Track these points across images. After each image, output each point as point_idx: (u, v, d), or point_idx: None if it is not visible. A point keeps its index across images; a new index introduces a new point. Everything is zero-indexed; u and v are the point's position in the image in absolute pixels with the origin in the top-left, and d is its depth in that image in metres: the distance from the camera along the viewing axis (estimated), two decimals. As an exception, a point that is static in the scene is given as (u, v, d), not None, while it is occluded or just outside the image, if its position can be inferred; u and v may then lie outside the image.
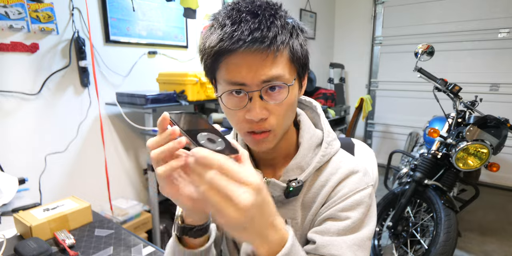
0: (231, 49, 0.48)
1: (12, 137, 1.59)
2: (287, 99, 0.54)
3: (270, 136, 0.56)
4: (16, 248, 0.79)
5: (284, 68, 0.52)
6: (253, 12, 0.50)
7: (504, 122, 1.63)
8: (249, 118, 0.52)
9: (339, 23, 4.13)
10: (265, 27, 0.49)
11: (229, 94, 0.53)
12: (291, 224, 0.63)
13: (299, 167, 0.61)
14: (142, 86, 2.13)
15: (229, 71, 0.51)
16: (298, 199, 0.63)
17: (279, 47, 0.50)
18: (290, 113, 0.57)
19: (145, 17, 2.05)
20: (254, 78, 0.50)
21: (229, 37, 0.48)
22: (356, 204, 0.59)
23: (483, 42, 3.20)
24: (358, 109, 3.35)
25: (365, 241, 0.58)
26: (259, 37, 0.48)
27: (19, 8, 1.52)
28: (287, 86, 0.53)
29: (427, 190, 1.74)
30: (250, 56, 0.49)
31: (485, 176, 3.33)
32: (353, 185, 0.60)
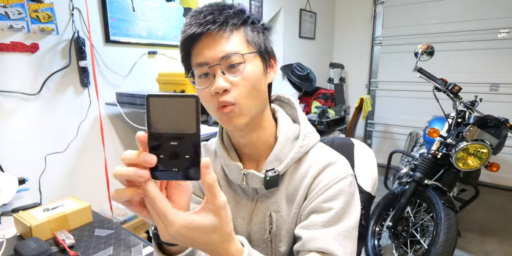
0: (191, 33, 0.56)
1: (12, 137, 1.59)
2: (247, 72, 0.58)
3: (236, 109, 0.58)
4: (16, 248, 0.79)
5: (240, 45, 0.58)
6: (210, 4, 0.60)
7: (504, 122, 1.63)
8: (213, 90, 0.57)
9: (339, 23, 4.13)
10: (217, 13, 0.57)
11: (199, 78, 0.60)
12: (276, 217, 0.64)
13: (278, 159, 0.63)
14: (142, 86, 2.13)
15: (196, 55, 0.59)
16: (281, 192, 0.65)
17: (231, 28, 0.57)
18: (254, 89, 0.59)
19: (145, 17, 2.05)
20: (213, 55, 0.57)
21: (189, 26, 0.57)
22: (337, 194, 0.60)
23: (483, 42, 3.20)
24: (358, 109, 3.35)
25: (351, 231, 0.59)
26: (211, 19, 0.56)
27: (19, 8, 1.52)
28: (243, 58, 0.58)
29: (427, 190, 1.74)
30: (208, 38, 0.57)
31: (485, 176, 3.33)
32: (333, 175, 0.62)
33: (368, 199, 0.92)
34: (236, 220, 0.68)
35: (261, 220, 0.66)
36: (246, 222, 0.67)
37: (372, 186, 0.94)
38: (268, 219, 0.65)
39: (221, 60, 0.57)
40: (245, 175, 0.63)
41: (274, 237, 0.65)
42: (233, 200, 0.69)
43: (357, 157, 0.95)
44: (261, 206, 0.66)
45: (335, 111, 3.33)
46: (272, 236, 0.65)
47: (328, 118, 3.12)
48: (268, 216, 0.65)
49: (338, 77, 4.03)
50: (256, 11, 2.90)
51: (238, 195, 0.69)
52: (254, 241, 0.68)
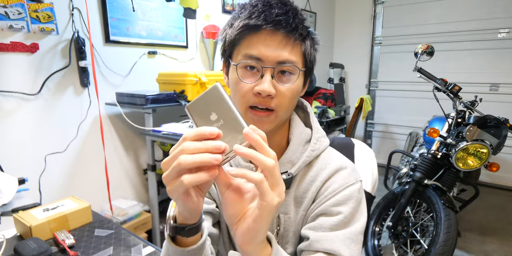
0: (258, 25, 0.54)
1: (12, 137, 1.59)
2: (294, 85, 0.58)
3: (272, 116, 0.58)
4: (16, 248, 0.79)
5: (298, 57, 0.58)
6: (283, 1, 0.57)
7: (503, 122, 1.63)
8: (258, 90, 0.55)
9: (339, 23, 4.13)
10: (291, 16, 0.55)
11: (243, 67, 0.57)
12: (284, 218, 0.65)
13: (290, 162, 0.64)
14: (142, 86, 2.13)
15: (249, 46, 0.56)
16: (290, 194, 0.65)
17: (298, 37, 0.56)
18: (293, 100, 0.60)
19: (145, 17, 2.05)
20: (271, 57, 0.55)
21: (258, 15, 0.54)
22: (347, 199, 0.61)
23: (483, 42, 3.20)
24: (358, 109, 3.35)
25: (358, 235, 0.60)
26: (284, 22, 0.54)
27: (19, 8, 1.52)
28: (298, 72, 0.57)
29: (427, 190, 1.74)
30: (272, 36, 0.55)
31: (485, 176, 3.33)
32: (342, 181, 0.62)
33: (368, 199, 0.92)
34: None
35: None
36: None
37: (372, 186, 0.94)
38: (276, 220, 0.65)
39: (278, 64, 0.56)
40: None
41: (281, 239, 0.65)
42: None
43: (357, 157, 0.95)
44: None
45: (335, 111, 3.33)
46: (279, 238, 0.65)
47: (328, 118, 3.12)
48: (276, 218, 0.65)
49: (338, 77, 4.03)
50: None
51: None
52: None
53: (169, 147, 2.11)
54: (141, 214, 1.97)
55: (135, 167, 2.18)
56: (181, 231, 0.47)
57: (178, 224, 0.47)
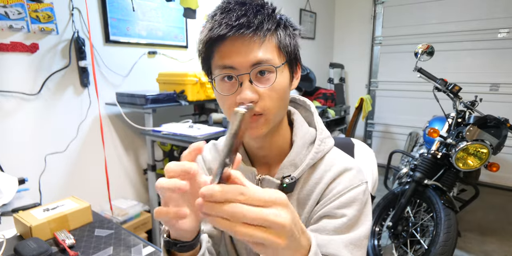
0: (220, 34, 0.52)
1: (12, 137, 1.59)
2: (276, 83, 0.55)
3: (261, 120, 0.56)
4: (16, 248, 0.79)
5: (272, 53, 0.55)
6: (241, 2, 0.54)
7: (504, 122, 1.63)
8: (239, 100, 0.53)
9: (339, 23, 4.13)
10: (251, 14, 0.52)
11: (221, 80, 0.56)
12: None
13: (293, 164, 0.62)
14: (142, 86, 2.13)
15: (221, 57, 0.54)
16: (293, 196, 0.63)
17: (265, 33, 0.53)
18: (281, 99, 0.57)
19: (145, 17, 2.05)
20: (243, 62, 0.53)
21: (219, 25, 0.52)
22: (351, 201, 0.59)
23: (483, 42, 3.20)
24: (358, 109, 3.35)
25: (362, 240, 0.58)
26: (246, 22, 0.51)
27: (19, 8, 1.52)
28: (275, 70, 0.55)
29: (427, 190, 1.74)
30: (239, 41, 0.52)
31: (485, 176, 3.33)
32: (347, 182, 0.61)
33: None
34: None
35: None
36: None
37: (372, 186, 0.94)
38: None
39: (252, 67, 0.53)
40: (259, 180, 0.62)
41: None
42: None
43: (357, 157, 0.95)
44: None
45: (335, 111, 3.33)
46: None
47: (328, 118, 3.13)
48: None
49: (338, 77, 4.03)
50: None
51: None
52: None
53: (169, 147, 2.11)
54: (141, 214, 1.97)
55: (135, 167, 2.18)
56: (173, 247, 0.46)
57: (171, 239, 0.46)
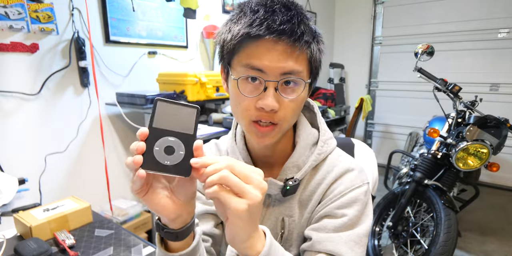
0: (259, 34, 0.49)
1: (12, 137, 1.59)
2: (300, 97, 0.55)
3: (275, 130, 0.56)
4: (16, 248, 0.79)
5: (304, 65, 0.54)
6: (286, 5, 0.52)
7: (504, 122, 1.63)
8: (261, 105, 0.52)
9: (339, 23, 4.13)
10: (296, 23, 0.50)
11: (244, 79, 0.53)
12: (288, 222, 0.63)
13: (296, 166, 0.62)
14: (142, 86, 2.13)
15: (251, 56, 0.52)
16: (295, 197, 0.63)
17: (303, 45, 0.51)
18: (298, 111, 0.58)
19: (145, 17, 2.05)
20: (275, 68, 0.51)
21: (260, 23, 0.49)
22: (352, 202, 0.59)
23: (483, 42, 3.19)
24: (358, 109, 3.35)
25: (362, 238, 0.58)
26: (289, 30, 0.49)
27: (19, 8, 1.52)
28: (303, 83, 0.54)
29: (427, 190, 1.74)
30: (276, 47, 0.50)
31: (485, 176, 3.33)
32: (349, 183, 0.61)
33: None
34: None
35: (273, 224, 0.64)
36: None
37: (372, 186, 0.94)
38: (281, 223, 0.64)
39: (281, 76, 0.52)
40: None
41: (285, 241, 0.64)
42: None
43: (357, 157, 0.95)
44: (273, 211, 0.65)
45: (335, 111, 3.33)
46: (284, 241, 0.64)
47: (328, 118, 3.13)
48: (280, 221, 0.64)
49: (338, 77, 4.03)
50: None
51: None
52: None
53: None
54: (141, 214, 1.97)
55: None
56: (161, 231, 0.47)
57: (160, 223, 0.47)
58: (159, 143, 0.38)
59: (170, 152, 0.39)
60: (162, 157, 0.38)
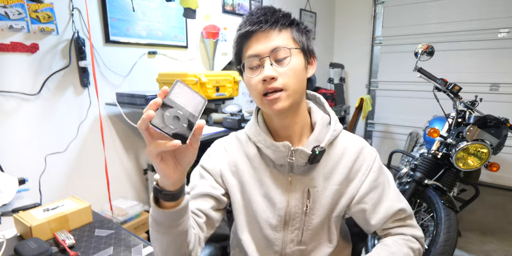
0: (247, 31, 0.68)
1: (12, 137, 1.59)
2: (292, 64, 0.68)
3: (283, 95, 0.68)
4: (16, 248, 0.79)
5: (288, 40, 0.69)
6: (262, 8, 0.71)
7: (504, 122, 1.63)
8: (262, 77, 0.67)
9: (339, 23, 4.13)
10: (269, 15, 0.68)
11: (250, 69, 0.70)
12: (312, 192, 0.74)
13: (317, 140, 0.73)
14: (142, 86, 2.13)
15: (247, 49, 0.69)
16: (317, 171, 0.74)
17: (280, 27, 0.68)
18: (297, 78, 0.69)
19: (145, 17, 2.05)
20: (264, 49, 0.67)
21: (245, 24, 0.69)
22: (379, 170, 0.77)
23: (483, 42, 3.20)
24: (358, 109, 3.35)
25: (396, 189, 0.78)
26: (263, 20, 0.67)
27: (19, 9, 1.52)
28: (289, 52, 0.68)
29: (427, 190, 1.74)
30: (260, 35, 0.68)
31: (485, 176, 3.33)
32: (369, 156, 0.77)
33: None
34: (275, 197, 0.75)
35: (299, 195, 0.74)
36: (285, 197, 0.75)
37: None
38: (306, 194, 0.74)
39: (271, 52, 0.67)
40: (293, 151, 0.71)
41: (310, 210, 0.75)
42: (270, 178, 0.76)
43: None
44: (297, 183, 0.75)
45: (335, 111, 3.32)
46: (309, 209, 0.75)
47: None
48: (306, 192, 0.74)
49: (338, 77, 4.03)
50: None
51: (274, 175, 0.76)
52: (292, 214, 0.75)
53: (169, 147, 2.11)
54: (141, 214, 1.97)
55: (135, 167, 2.18)
56: (158, 193, 0.56)
57: (158, 186, 0.56)
58: (170, 111, 0.47)
59: (176, 121, 0.47)
60: (169, 122, 0.46)
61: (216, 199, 0.75)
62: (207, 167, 0.78)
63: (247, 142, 0.79)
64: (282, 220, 0.75)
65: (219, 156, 0.79)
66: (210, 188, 0.75)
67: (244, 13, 2.79)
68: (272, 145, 0.73)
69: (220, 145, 0.82)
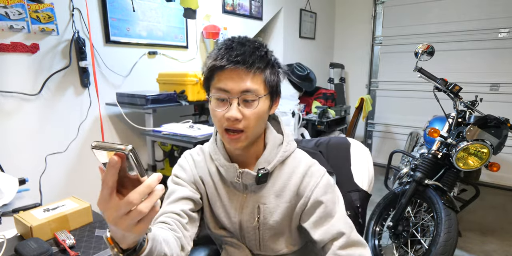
0: (222, 65, 0.68)
1: (12, 137, 1.59)
2: (258, 108, 0.70)
3: (242, 137, 0.71)
4: (17, 248, 0.79)
5: (259, 85, 0.70)
6: (241, 42, 0.71)
7: (504, 122, 1.63)
8: (227, 116, 0.69)
9: (339, 23, 4.13)
10: (248, 54, 0.68)
11: (216, 99, 0.71)
12: (263, 208, 0.78)
13: (267, 161, 0.77)
14: (142, 86, 2.13)
15: (220, 81, 0.70)
16: (268, 188, 0.78)
17: (255, 70, 0.69)
18: (260, 121, 0.73)
19: (145, 17, 2.05)
20: (235, 88, 0.68)
21: (221, 57, 0.68)
22: (327, 187, 0.77)
23: (483, 42, 3.19)
24: (358, 109, 3.35)
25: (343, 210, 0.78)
26: (241, 60, 0.67)
27: (19, 9, 1.52)
28: (257, 98, 0.70)
29: (427, 190, 1.74)
30: (235, 73, 0.68)
31: (485, 176, 3.33)
32: (317, 173, 0.78)
33: (365, 197, 0.94)
34: (230, 211, 0.81)
35: (251, 211, 0.79)
36: (238, 212, 0.80)
37: (369, 184, 0.96)
38: (257, 210, 0.79)
39: (241, 93, 0.69)
40: (240, 173, 0.76)
41: (262, 225, 0.79)
42: (226, 194, 0.81)
43: (353, 156, 0.97)
44: (250, 200, 0.79)
45: (335, 111, 3.33)
46: (260, 224, 0.79)
47: (329, 118, 3.12)
48: (256, 208, 0.79)
49: (338, 77, 4.03)
50: (256, 11, 2.90)
51: (231, 190, 0.81)
52: (245, 228, 0.81)
53: (170, 147, 2.11)
54: (142, 214, 1.97)
55: (136, 167, 2.18)
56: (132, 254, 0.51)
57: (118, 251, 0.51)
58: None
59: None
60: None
61: (194, 202, 0.79)
62: (181, 176, 0.82)
63: (209, 158, 0.83)
64: (238, 231, 0.82)
65: (189, 167, 0.83)
66: (190, 192, 0.79)
67: (245, 13, 2.79)
68: (224, 165, 0.78)
69: (190, 157, 0.85)
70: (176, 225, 0.70)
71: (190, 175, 0.82)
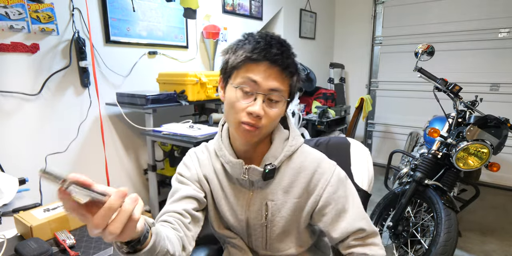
0: (258, 58, 0.67)
1: (12, 137, 1.59)
2: (279, 110, 0.71)
3: (257, 132, 0.70)
4: (17, 248, 0.80)
5: (286, 88, 0.71)
6: (280, 42, 0.70)
7: (504, 122, 1.63)
8: (251, 110, 0.67)
9: (339, 23, 4.13)
10: (285, 57, 0.68)
11: (241, 90, 0.69)
12: (271, 205, 0.77)
13: (273, 156, 0.76)
14: (142, 86, 2.13)
15: (250, 71, 0.68)
16: (276, 184, 0.76)
17: (288, 74, 0.70)
18: (276, 121, 0.73)
19: (145, 17, 2.05)
20: (266, 84, 0.67)
21: (260, 52, 0.67)
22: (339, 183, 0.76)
23: (483, 42, 3.19)
24: (358, 109, 3.35)
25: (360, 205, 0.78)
26: (280, 61, 0.67)
27: (20, 9, 1.52)
28: (283, 100, 0.71)
29: (427, 190, 1.74)
30: (269, 69, 0.68)
31: (485, 176, 3.33)
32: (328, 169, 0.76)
33: (365, 197, 0.94)
34: (236, 209, 0.79)
35: (258, 208, 0.78)
36: (245, 209, 0.79)
37: (368, 184, 0.96)
38: (265, 207, 0.77)
39: (269, 91, 0.68)
40: (247, 169, 0.74)
41: (269, 222, 0.78)
42: (232, 191, 0.80)
43: (353, 156, 0.97)
44: (257, 197, 0.78)
45: (335, 111, 3.33)
46: (268, 221, 0.78)
47: (329, 118, 3.12)
48: (264, 205, 0.77)
49: (338, 77, 4.03)
50: (256, 11, 2.90)
51: (236, 188, 0.80)
52: (252, 225, 0.80)
53: (170, 147, 2.11)
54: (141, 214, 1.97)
55: (136, 167, 2.18)
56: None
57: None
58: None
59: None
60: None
61: (198, 201, 0.78)
62: (185, 175, 0.81)
63: (214, 155, 0.82)
64: (244, 229, 0.81)
65: (193, 165, 0.82)
66: (194, 191, 0.78)
67: (245, 13, 2.79)
68: (230, 161, 0.76)
69: (194, 155, 0.85)
70: (178, 224, 0.70)
71: (194, 173, 0.81)
